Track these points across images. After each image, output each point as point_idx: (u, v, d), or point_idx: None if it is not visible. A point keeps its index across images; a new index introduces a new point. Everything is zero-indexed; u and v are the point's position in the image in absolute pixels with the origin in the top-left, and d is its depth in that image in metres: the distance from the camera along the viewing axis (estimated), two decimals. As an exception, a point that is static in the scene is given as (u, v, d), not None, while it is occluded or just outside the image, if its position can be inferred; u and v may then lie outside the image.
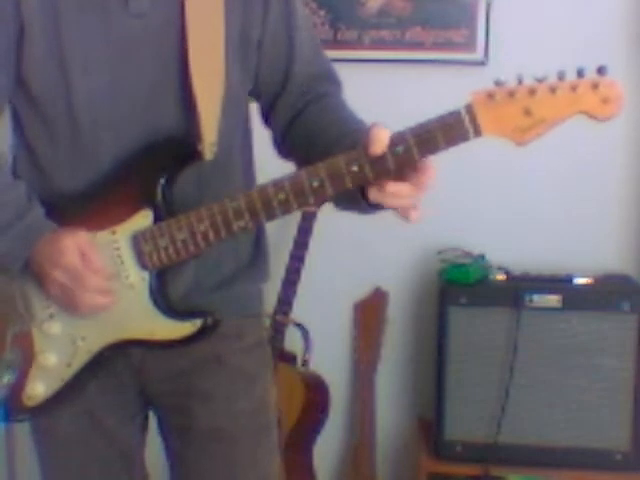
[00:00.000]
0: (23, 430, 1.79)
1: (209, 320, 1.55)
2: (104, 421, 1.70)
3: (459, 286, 2.73)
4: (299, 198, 1.44)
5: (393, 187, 1.42)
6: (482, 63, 2.90)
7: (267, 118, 1.71)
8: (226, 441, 1.69)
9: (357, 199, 1.48)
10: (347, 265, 3.03)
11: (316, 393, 2.91)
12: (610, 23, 2.87)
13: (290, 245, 2.85)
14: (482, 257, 2.84)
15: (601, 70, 1.35)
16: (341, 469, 3.15)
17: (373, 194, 1.44)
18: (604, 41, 2.88)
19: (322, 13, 2.95)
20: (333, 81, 1.72)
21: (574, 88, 1.35)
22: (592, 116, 1.38)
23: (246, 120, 1.71)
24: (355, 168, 1.41)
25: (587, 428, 2.69)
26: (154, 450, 1.83)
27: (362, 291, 3.03)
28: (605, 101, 1.36)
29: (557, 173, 2.96)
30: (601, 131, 2.93)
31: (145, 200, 1.54)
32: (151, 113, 1.57)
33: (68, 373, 1.58)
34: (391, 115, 3.03)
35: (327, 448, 3.04)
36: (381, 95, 2.92)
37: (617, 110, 1.37)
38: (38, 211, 1.56)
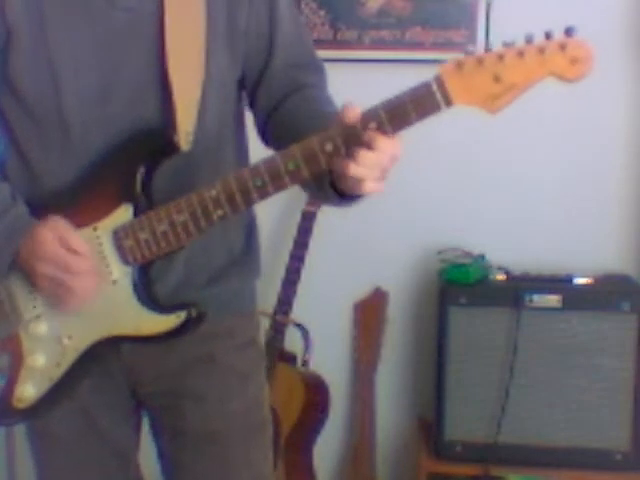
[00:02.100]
0: (23, 430, 1.79)
1: (193, 312, 1.54)
2: (99, 421, 1.69)
3: (459, 286, 2.73)
4: (275, 181, 1.43)
5: (361, 155, 1.38)
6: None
7: (251, 106, 1.71)
8: (220, 442, 1.69)
9: (325, 187, 1.47)
10: (347, 265, 3.03)
11: (316, 393, 2.91)
12: (610, 23, 2.87)
13: (290, 245, 2.85)
14: (482, 257, 2.84)
15: (569, 31, 1.33)
16: (341, 469, 3.15)
17: (337, 164, 1.40)
18: (604, 41, 2.87)
19: (322, 13, 2.95)
20: (315, 70, 1.71)
21: (542, 50, 1.33)
22: (562, 77, 1.35)
23: (239, 111, 1.70)
24: (329, 147, 1.40)
25: (587, 428, 2.69)
26: (149, 452, 1.82)
27: (362, 291, 3.03)
28: (574, 61, 1.34)
29: (557, 173, 2.96)
30: (601, 131, 2.95)
31: (125, 195, 1.52)
32: (138, 108, 1.56)
33: (57, 373, 1.57)
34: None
35: (327, 448, 3.04)
36: (381, 95, 2.91)
37: (586, 70, 1.34)
38: (21, 209, 1.55)
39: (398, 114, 1.39)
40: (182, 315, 1.54)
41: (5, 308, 1.57)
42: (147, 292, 1.55)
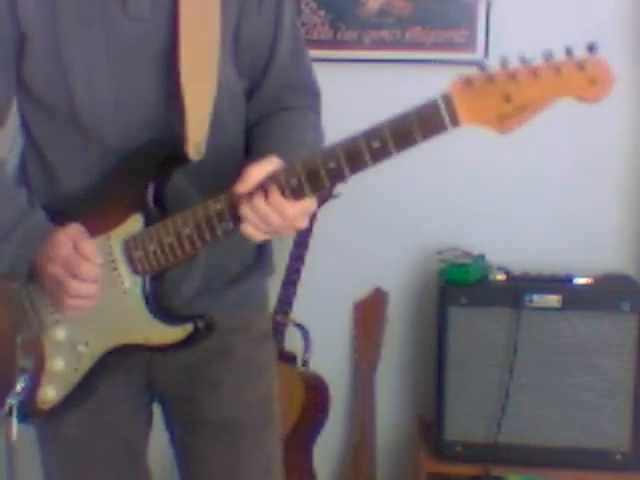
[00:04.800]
0: (23, 430, 1.79)
1: (199, 324, 1.56)
2: (110, 417, 1.70)
3: (459, 286, 2.73)
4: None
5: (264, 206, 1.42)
6: (482, 63, 2.90)
7: None
8: (234, 429, 1.71)
9: None
10: (347, 265, 3.03)
11: (316, 393, 2.91)
12: (611, 22, 2.87)
13: (290, 245, 2.85)
14: (482, 257, 2.84)
15: (592, 48, 1.25)
16: (341, 469, 3.15)
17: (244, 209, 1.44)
18: (605, 40, 2.87)
19: (322, 13, 2.95)
20: (308, 93, 1.72)
21: (558, 70, 1.25)
22: (579, 98, 1.26)
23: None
24: (332, 165, 1.39)
25: (587, 428, 2.69)
26: (157, 448, 1.84)
27: (362, 291, 3.03)
28: (592, 82, 1.25)
29: (557, 173, 2.96)
30: (601, 131, 2.95)
31: (136, 205, 1.54)
32: (151, 116, 1.57)
33: (76, 377, 1.60)
34: (391, 115, 3.03)
35: (327, 448, 3.04)
36: (381, 95, 2.93)
37: (605, 91, 1.25)
38: (39, 215, 1.58)
39: (403, 133, 1.34)
40: (189, 327, 1.56)
41: (29, 313, 1.61)
42: (157, 302, 1.56)
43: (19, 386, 1.60)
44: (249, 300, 1.74)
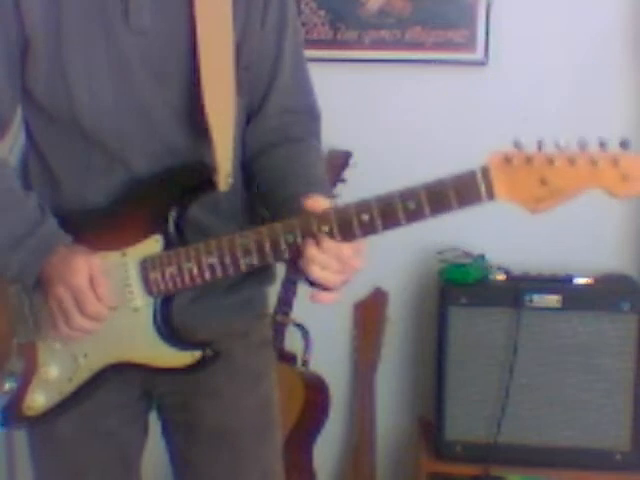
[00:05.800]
0: (23, 431, 1.79)
1: (208, 352, 1.55)
2: (104, 422, 1.69)
3: (459, 286, 2.73)
4: (306, 237, 1.43)
5: (320, 254, 1.44)
6: (482, 63, 2.90)
7: None
8: (232, 437, 1.71)
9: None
10: (347, 265, 3.02)
11: (316, 393, 2.91)
12: (611, 23, 2.87)
13: (290, 245, 2.85)
14: (482, 257, 2.84)
15: (624, 144, 1.30)
16: (341, 469, 3.15)
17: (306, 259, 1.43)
18: (604, 41, 2.88)
19: (322, 13, 2.95)
20: (310, 118, 1.71)
21: (594, 162, 1.30)
22: (610, 193, 1.33)
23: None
24: (365, 218, 1.44)
25: (587, 428, 2.69)
26: (152, 456, 1.84)
27: (362, 291, 3.02)
28: (625, 178, 1.30)
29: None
30: (601, 131, 2.94)
31: (157, 226, 1.53)
32: (159, 132, 1.57)
33: (69, 388, 1.59)
34: (391, 115, 3.04)
35: (327, 448, 3.04)
36: (381, 95, 2.93)
37: (637, 189, 1.31)
38: (51, 222, 1.56)
39: (439, 198, 1.39)
40: (197, 355, 1.55)
41: (27, 317, 1.59)
42: (167, 325, 1.55)
43: (7, 386, 1.58)
44: (248, 307, 1.73)
